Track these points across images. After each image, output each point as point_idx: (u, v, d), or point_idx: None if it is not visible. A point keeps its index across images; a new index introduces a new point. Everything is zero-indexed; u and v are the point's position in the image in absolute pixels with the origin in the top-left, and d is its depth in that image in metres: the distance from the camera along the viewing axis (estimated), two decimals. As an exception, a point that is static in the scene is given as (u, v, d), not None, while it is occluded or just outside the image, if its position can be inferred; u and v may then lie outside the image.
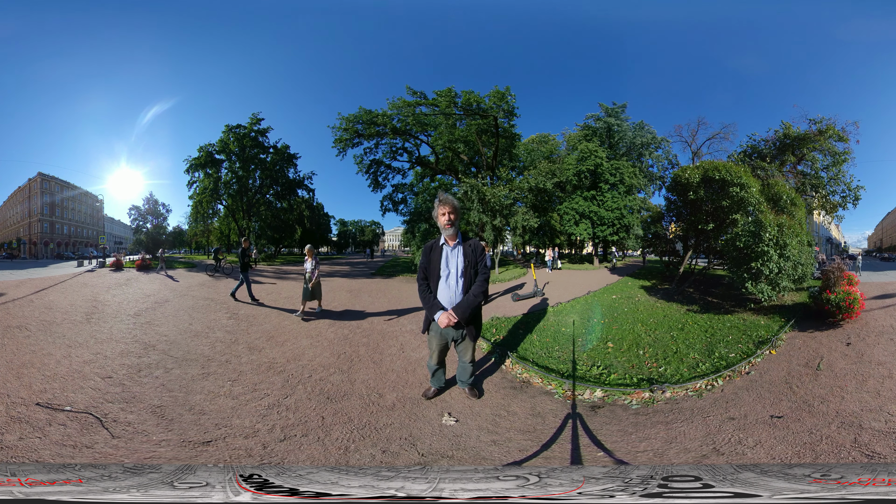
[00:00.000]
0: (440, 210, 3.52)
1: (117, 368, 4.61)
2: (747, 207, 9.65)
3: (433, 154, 20.70)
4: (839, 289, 6.72)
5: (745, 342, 5.99)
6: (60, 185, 38.21)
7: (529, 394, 4.28)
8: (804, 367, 4.82)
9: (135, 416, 3.44)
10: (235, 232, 26.19)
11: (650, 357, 5.50)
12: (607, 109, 22.50)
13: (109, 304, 8.80)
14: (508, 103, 17.56)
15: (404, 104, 18.01)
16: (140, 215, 23.88)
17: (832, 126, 16.85)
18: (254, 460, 2.86)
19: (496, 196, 15.42)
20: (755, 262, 8.02)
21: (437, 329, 3.59)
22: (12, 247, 36.60)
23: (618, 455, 3.08)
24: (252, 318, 7.63)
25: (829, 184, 17.24)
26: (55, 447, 2.90)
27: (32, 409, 3.48)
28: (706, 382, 4.55)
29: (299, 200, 26.31)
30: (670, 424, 3.58)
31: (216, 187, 23.12)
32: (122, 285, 12.03)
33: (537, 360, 5.20)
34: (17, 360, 4.71)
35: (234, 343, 5.86)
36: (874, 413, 3.47)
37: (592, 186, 20.81)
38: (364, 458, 2.95)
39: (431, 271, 3.61)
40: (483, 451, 3.10)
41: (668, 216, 12.98)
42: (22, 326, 6.35)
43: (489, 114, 17.71)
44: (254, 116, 23.20)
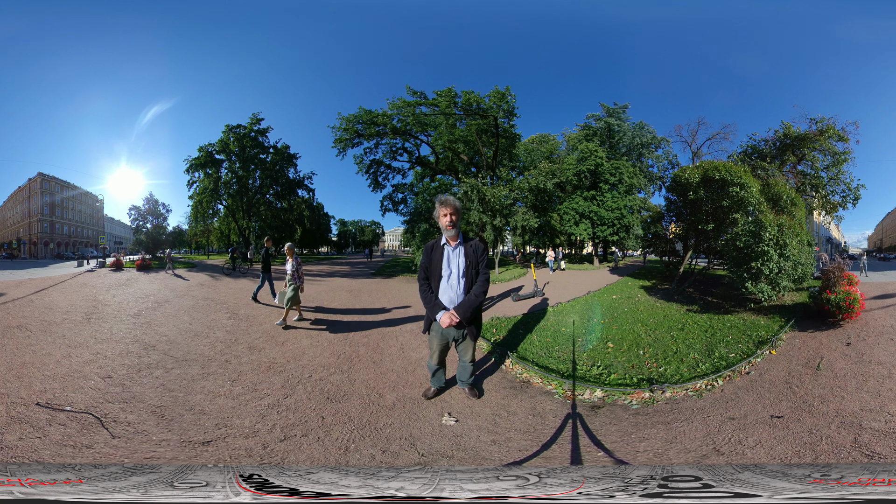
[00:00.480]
0: (442, 211, 3.51)
1: (117, 368, 4.61)
2: (747, 207, 9.65)
3: (433, 154, 20.71)
4: (839, 289, 6.72)
5: (745, 342, 5.99)
6: (60, 185, 38.21)
7: (529, 394, 4.28)
8: (804, 367, 4.82)
9: (135, 416, 3.44)
10: (235, 232, 26.18)
11: (650, 357, 5.50)
12: (608, 109, 22.51)
13: (109, 304, 8.80)
14: (508, 103, 17.56)
15: (404, 104, 18.01)
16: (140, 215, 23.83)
17: (832, 126, 16.85)
18: (254, 460, 2.86)
19: (496, 196, 15.42)
20: (755, 261, 8.02)
21: (438, 329, 3.60)
22: (12, 247, 36.60)
23: (618, 455, 3.08)
24: (252, 318, 7.63)
25: (829, 184, 17.24)
26: (55, 447, 2.90)
27: (32, 409, 3.48)
28: (706, 382, 4.55)
29: (299, 200, 26.31)
30: (670, 424, 3.58)
31: (216, 187, 23.12)
32: (122, 285, 12.02)
33: (537, 360, 5.20)
34: (17, 360, 4.71)
35: (234, 343, 5.86)
36: (874, 413, 3.47)
37: (592, 186, 20.81)
38: (364, 458, 2.95)
39: (433, 271, 3.61)
40: (483, 451, 3.10)
41: (668, 216, 12.98)
42: (22, 326, 6.35)
43: (489, 114, 17.71)
44: (254, 116, 23.24)
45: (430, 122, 19.03)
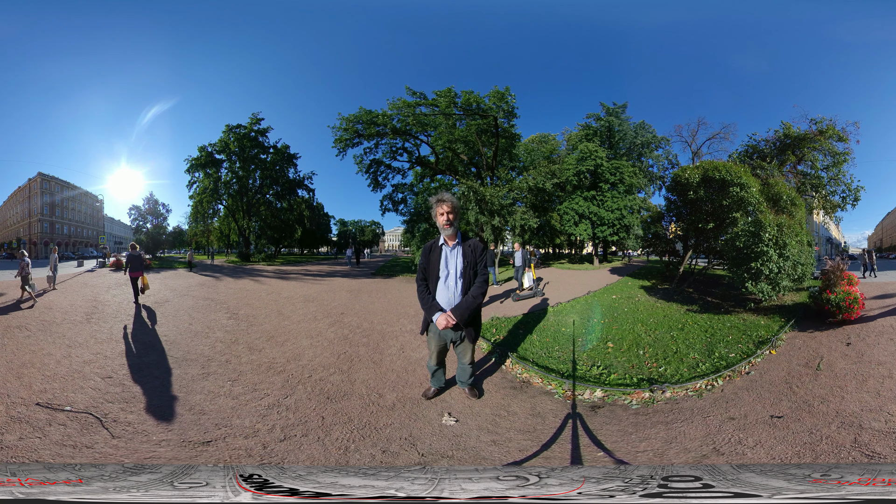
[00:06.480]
0: (438, 209, 3.46)
1: (117, 368, 4.61)
2: (747, 207, 9.65)
3: (433, 154, 20.68)
4: (839, 289, 6.72)
5: (745, 342, 5.99)
6: (60, 185, 38.20)
7: (529, 394, 4.28)
8: (804, 367, 4.82)
9: (135, 416, 3.44)
10: (235, 232, 26.19)
11: (650, 357, 5.50)
12: (608, 109, 22.52)
13: (109, 304, 8.80)
14: (508, 103, 17.54)
15: (404, 104, 17.99)
16: (140, 215, 23.91)
17: (832, 126, 16.87)
18: (254, 460, 2.86)
19: (495, 196, 15.41)
20: (755, 261, 8.02)
21: (435, 330, 3.56)
22: (12, 247, 36.58)
23: (618, 455, 3.07)
24: (252, 318, 7.63)
25: (829, 184, 17.26)
26: (55, 447, 2.90)
27: (32, 409, 3.48)
28: (706, 382, 4.55)
29: (299, 200, 26.32)
30: (670, 424, 3.58)
31: (216, 187, 23.14)
32: (122, 285, 12.00)
33: (537, 360, 5.20)
34: (17, 360, 4.71)
35: (234, 343, 5.86)
36: (874, 413, 3.46)
37: (592, 186, 20.80)
38: (364, 458, 2.95)
39: (430, 272, 3.56)
40: (483, 451, 3.10)
41: (668, 216, 12.98)
42: (22, 326, 6.35)
43: (489, 114, 17.68)
44: (254, 116, 23.26)
45: (430, 123, 19.00)
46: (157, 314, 7.79)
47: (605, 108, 22.59)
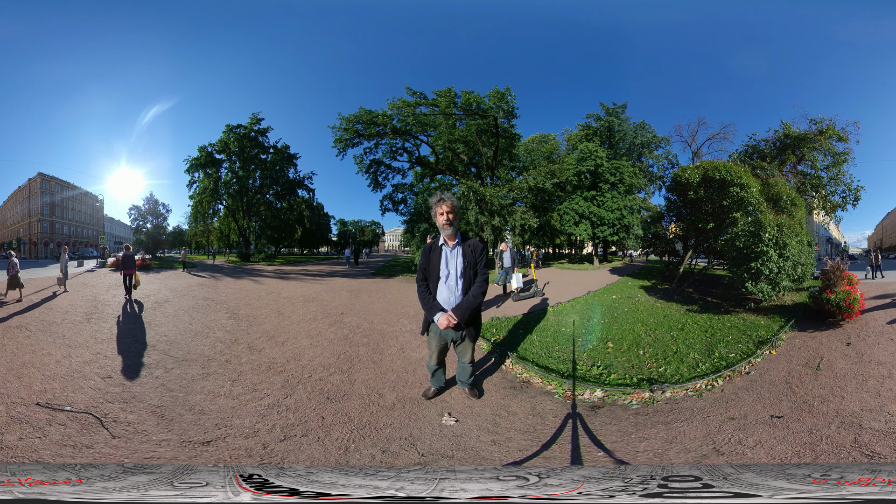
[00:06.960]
0: (438, 209, 3.47)
1: (117, 368, 4.61)
2: (747, 207, 9.65)
3: (433, 154, 20.67)
4: (839, 289, 6.72)
5: (745, 342, 5.99)
6: (60, 185, 38.21)
7: (529, 394, 4.28)
8: (804, 367, 4.82)
9: (135, 416, 3.44)
10: (235, 232, 26.17)
11: (650, 357, 5.50)
12: (608, 109, 22.50)
13: (109, 304, 8.80)
14: (508, 103, 17.53)
15: (404, 104, 17.98)
16: (140, 215, 23.87)
17: (832, 126, 16.87)
18: (254, 460, 2.86)
19: (495, 196, 15.41)
20: (755, 261, 8.02)
21: (436, 330, 3.56)
22: (12, 247, 36.60)
23: (618, 455, 3.08)
24: (252, 318, 7.63)
25: (829, 184, 17.26)
26: (55, 447, 2.90)
27: (32, 409, 3.48)
28: (706, 382, 4.55)
29: (299, 200, 26.28)
30: (670, 424, 3.58)
31: (216, 187, 23.11)
32: (121, 285, 11.99)
33: (537, 360, 5.19)
34: (17, 360, 4.71)
35: (234, 343, 5.86)
36: (874, 413, 3.47)
37: (592, 186, 20.80)
38: (364, 458, 2.95)
39: (431, 272, 3.57)
40: (483, 451, 3.10)
41: (668, 216, 12.98)
42: (22, 326, 6.35)
43: (489, 114, 17.67)
44: (254, 116, 23.22)
45: (430, 123, 18.99)
46: (157, 314, 7.79)
47: (604, 108, 22.57)
